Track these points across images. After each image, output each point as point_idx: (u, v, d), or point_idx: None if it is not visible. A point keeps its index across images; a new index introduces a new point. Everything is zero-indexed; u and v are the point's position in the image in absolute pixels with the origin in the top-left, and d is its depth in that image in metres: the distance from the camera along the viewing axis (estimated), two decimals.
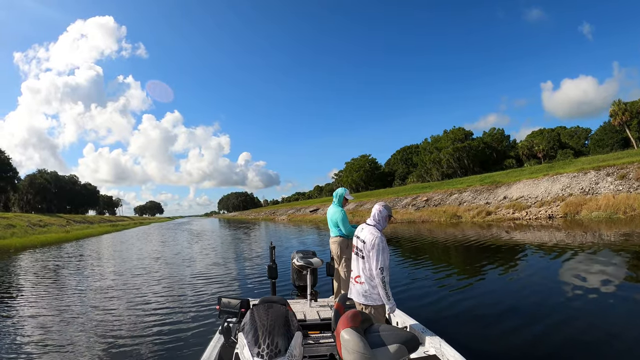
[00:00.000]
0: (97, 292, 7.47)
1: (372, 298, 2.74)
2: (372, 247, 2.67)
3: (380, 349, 1.88)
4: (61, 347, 4.20)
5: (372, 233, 2.73)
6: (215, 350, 2.63)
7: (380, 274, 2.62)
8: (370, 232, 2.75)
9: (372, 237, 2.70)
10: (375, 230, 2.75)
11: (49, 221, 39.85)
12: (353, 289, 2.88)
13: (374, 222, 2.84)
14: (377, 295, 2.73)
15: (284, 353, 1.78)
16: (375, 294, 2.74)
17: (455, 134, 55.58)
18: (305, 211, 52.61)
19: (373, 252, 2.66)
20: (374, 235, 2.70)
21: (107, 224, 54.66)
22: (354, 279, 2.88)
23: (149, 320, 5.14)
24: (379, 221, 2.84)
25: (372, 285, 2.74)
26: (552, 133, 54.84)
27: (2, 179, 53.54)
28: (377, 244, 2.65)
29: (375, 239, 2.67)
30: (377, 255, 2.64)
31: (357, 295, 2.81)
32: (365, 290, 2.76)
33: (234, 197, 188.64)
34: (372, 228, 2.79)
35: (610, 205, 15.57)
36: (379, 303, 2.75)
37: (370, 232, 2.76)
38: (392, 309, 2.68)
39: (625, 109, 39.96)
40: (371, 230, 2.77)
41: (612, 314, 4.24)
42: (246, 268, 9.97)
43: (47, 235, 27.74)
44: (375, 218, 2.85)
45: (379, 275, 2.62)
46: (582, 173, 20.01)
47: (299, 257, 5.02)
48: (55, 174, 75.17)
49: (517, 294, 5.52)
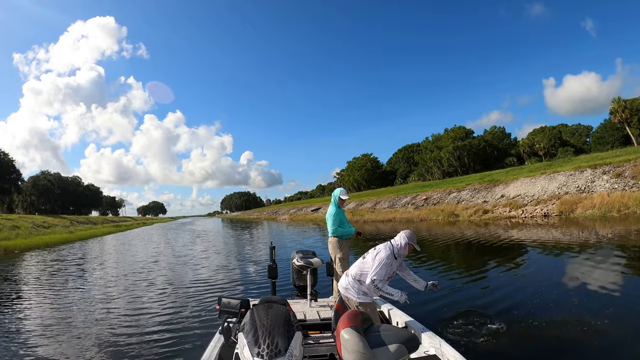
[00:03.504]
0: (98, 291, 7.51)
1: (352, 292, 2.90)
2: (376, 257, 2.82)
3: (380, 349, 1.89)
4: (62, 346, 4.23)
5: (384, 247, 2.90)
6: (215, 350, 2.64)
7: (372, 284, 2.77)
8: (385, 245, 2.93)
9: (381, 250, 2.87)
10: (386, 247, 2.90)
11: (52, 222, 40.03)
12: (342, 280, 3.05)
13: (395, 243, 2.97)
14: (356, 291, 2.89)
15: (284, 353, 1.78)
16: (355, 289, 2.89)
17: (456, 132, 55.42)
18: (307, 210, 52.66)
19: (374, 263, 2.81)
20: (384, 251, 2.85)
21: (110, 225, 54.85)
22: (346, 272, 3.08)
23: (149, 320, 5.17)
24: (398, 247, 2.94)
25: (355, 282, 2.89)
26: (554, 131, 54.55)
27: (5, 180, 53.79)
28: (379, 257, 2.81)
29: (380, 252, 2.84)
30: (376, 267, 2.78)
31: (340, 285, 3.00)
32: (348, 282, 2.95)
33: (237, 196, 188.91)
34: (388, 244, 2.94)
35: (604, 203, 15.60)
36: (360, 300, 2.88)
37: (384, 245, 2.93)
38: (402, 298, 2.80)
39: (625, 107, 39.70)
40: (386, 245, 2.94)
41: (612, 313, 4.23)
42: (246, 268, 9.99)
43: (52, 236, 27.87)
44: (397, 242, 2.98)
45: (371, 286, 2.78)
46: (579, 171, 20.02)
47: (299, 257, 5.04)
48: (59, 175, 75.53)
49: (517, 293, 5.51)
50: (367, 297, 2.88)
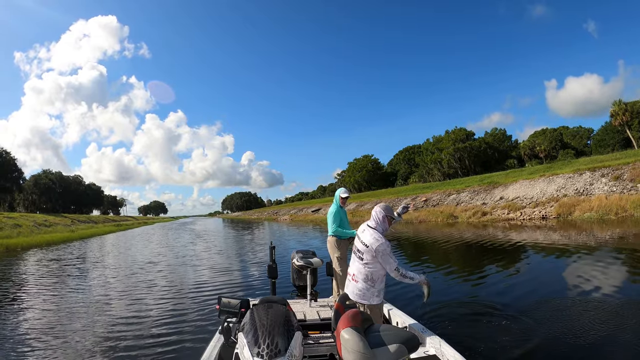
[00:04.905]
0: (98, 291, 7.51)
1: (367, 297, 2.79)
2: (379, 254, 2.70)
3: (380, 349, 1.89)
4: (61, 345, 4.23)
5: (377, 239, 2.72)
6: (215, 350, 2.64)
7: (398, 273, 2.69)
8: (374, 237, 2.74)
9: (376, 244, 2.70)
10: (378, 236, 2.74)
11: (54, 221, 40.14)
12: (349, 286, 2.91)
13: (374, 224, 2.85)
14: (371, 294, 2.79)
15: (284, 353, 1.78)
16: (369, 293, 2.79)
17: (456, 134, 55.38)
18: (307, 211, 52.67)
19: (383, 258, 2.70)
20: (378, 241, 2.71)
21: (111, 224, 54.94)
22: (350, 276, 2.91)
23: (149, 320, 5.16)
24: (379, 223, 2.85)
25: (367, 285, 2.78)
26: (555, 133, 54.48)
27: (7, 179, 53.95)
28: (383, 251, 2.69)
29: (379, 245, 2.70)
30: (388, 260, 2.70)
31: (352, 293, 2.85)
32: (360, 289, 2.80)
33: (238, 197, 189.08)
34: (374, 232, 2.78)
35: (602, 206, 15.61)
36: (373, 302, 2.80)
37: (373, 237, 2.74)
38: (424, 280, 2.74)
39: (626, 109, 39.70)
40: (374, 235, 2.75)
41: (614, 315, 4.22)
42: (246, 268, 9.99)
43: (53, 235, 27.94)
44: (374, 219, 2.87)
45: (397, 275, 2.70)
46: (578, 174, 20.02)
47: (299, 257, 5.03)
48: (60, 174, 75.70)
49: (516, 294, 5.50)
50: (379, 298, 2.84)
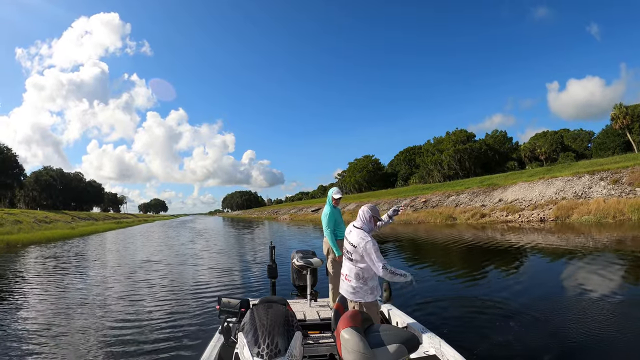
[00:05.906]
0: (97, 290, 7.52)
1: (360, 295, 2.81)
2: (365, 253, 2.70)
3: (380, 349, 1.89)
4: (61, 345, 4.23)
5: (362, 238, 2.74)
6: (215, 350, 2.65)
7: (387, 272, 2.66)
8: (360, 236, 2.76)
9: (362, 242, 2.72)
10: (364, 235, 2.76)
11: (54, 217, 40.16)
12: (342, 285, 2.94)
13: (360, 224, 2.87)
14: (365, 292, 2.80)
15: (284, 353, 1.79)
16: (362, 291, 2.80)
17: (457, 135, 55.34)
18: (307, 211, 52.71)
19: (369, 257, 2.69)
20: (364, 240, 2.72)
21: (111, 221, 54.98)
22: (343, 276, 2.94)
23: (148, 319, 5.17)
24: (365, 222, 2.86)
25: (359, 283, 2.80)
26: (555, 135, 54.43)
27: (8, 175, 54.02)
28: (369, 248, 2.69)
29: (366, 244, 2.70)
30: (374, 257, 2.68)
31: (346, 292, 2.87)
32: (353, 287, 2.83)
33: (238, 195, 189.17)
34: (360, 232, 2.80)
35: (600, 209, 15.62)
36: (368, 300, 2.81)
37: (359, 236, 2.77)
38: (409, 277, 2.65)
39: (627, 113, 39.62)
40: (360, 234, 2.78)
41: (610, 315, 4.23)
42: (246, 267, 10.00)
43: (53, 231, 28.02)
44: (361, 219, 2.89)
45: (385, 272, 2.67)
46: (577, 177, 20.03)
47: (298, 257, 5.04)
48: (61, 170, 75.78)
49: (516, 294, 5.51)
50: (374, 296, 2.85)
